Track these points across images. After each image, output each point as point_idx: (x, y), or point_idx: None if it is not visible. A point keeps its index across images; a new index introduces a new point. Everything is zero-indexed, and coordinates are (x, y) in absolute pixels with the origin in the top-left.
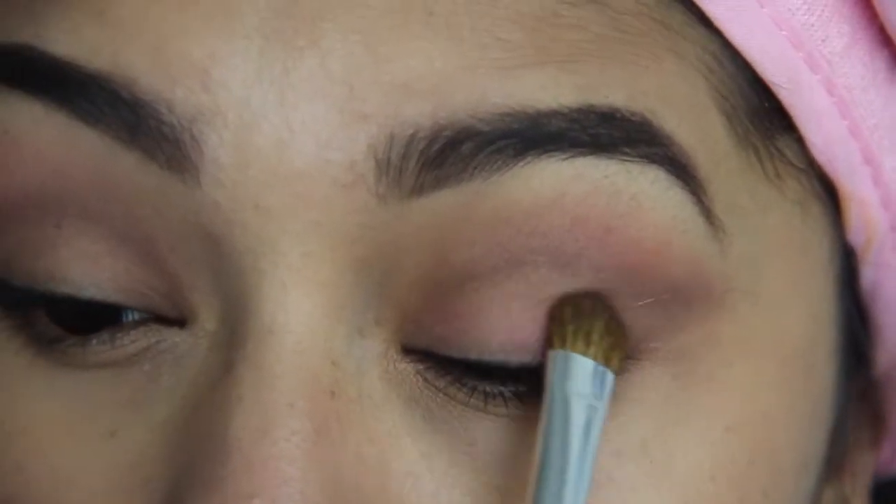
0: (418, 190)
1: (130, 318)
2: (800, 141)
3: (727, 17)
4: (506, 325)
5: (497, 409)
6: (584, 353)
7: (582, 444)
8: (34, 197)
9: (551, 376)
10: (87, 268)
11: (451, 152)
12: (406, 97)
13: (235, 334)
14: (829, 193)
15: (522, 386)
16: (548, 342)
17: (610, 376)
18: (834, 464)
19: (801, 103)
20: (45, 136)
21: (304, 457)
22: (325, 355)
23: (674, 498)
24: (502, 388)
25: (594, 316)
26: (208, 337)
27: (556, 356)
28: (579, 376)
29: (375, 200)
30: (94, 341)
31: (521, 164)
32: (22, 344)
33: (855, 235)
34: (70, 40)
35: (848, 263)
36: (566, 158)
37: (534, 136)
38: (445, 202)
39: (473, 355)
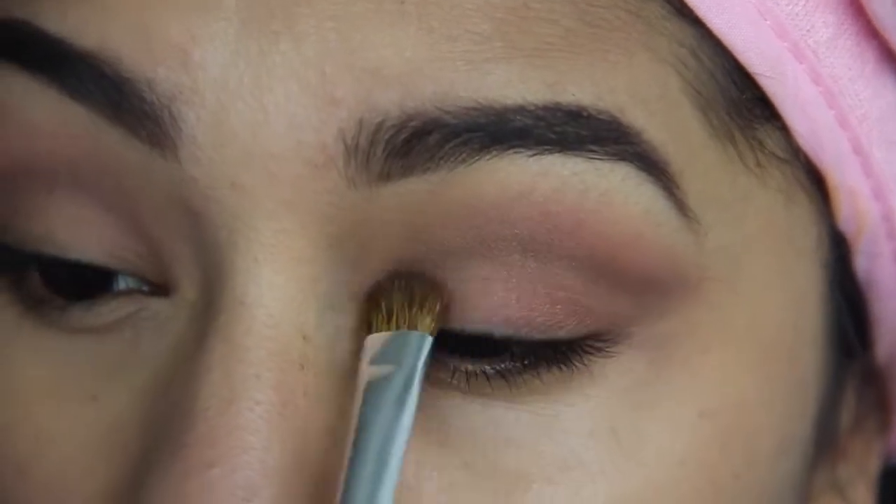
0: (386, 176)
1: (123, 285)
2: (784, 130)
3: (709, 6)
4: (484, 304)
5: (481, 388)
6: (388, 328)
7: (372, 414)
8: (28, 165)
9: (360, 362)
10: (75, 232)
11: (418, 142)
12: (376, 84)
13: (211, 306)
14: (816, 182)
15: (507, 363)
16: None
17: (413, 338)
18: (827, 448)
19: (785, 93)
20: (38, 109)
21: (268, 427)
22: (296, 329)
23: (640, 481)
24: (486, 367)
25: (391, 291)
26: (188, 307)
27: (364, 341)
28: (369, 351)
29: (345, 183)
30: (76, 308)
31: (486, 157)
32: (9, 301)
33: (845, 224)
34: (60, 18)
35: (839, 251)
36: (533, 155)
37: (499, 131)
38: (413, 188)
39: (455, 326)
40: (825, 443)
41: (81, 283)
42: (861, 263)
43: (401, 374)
